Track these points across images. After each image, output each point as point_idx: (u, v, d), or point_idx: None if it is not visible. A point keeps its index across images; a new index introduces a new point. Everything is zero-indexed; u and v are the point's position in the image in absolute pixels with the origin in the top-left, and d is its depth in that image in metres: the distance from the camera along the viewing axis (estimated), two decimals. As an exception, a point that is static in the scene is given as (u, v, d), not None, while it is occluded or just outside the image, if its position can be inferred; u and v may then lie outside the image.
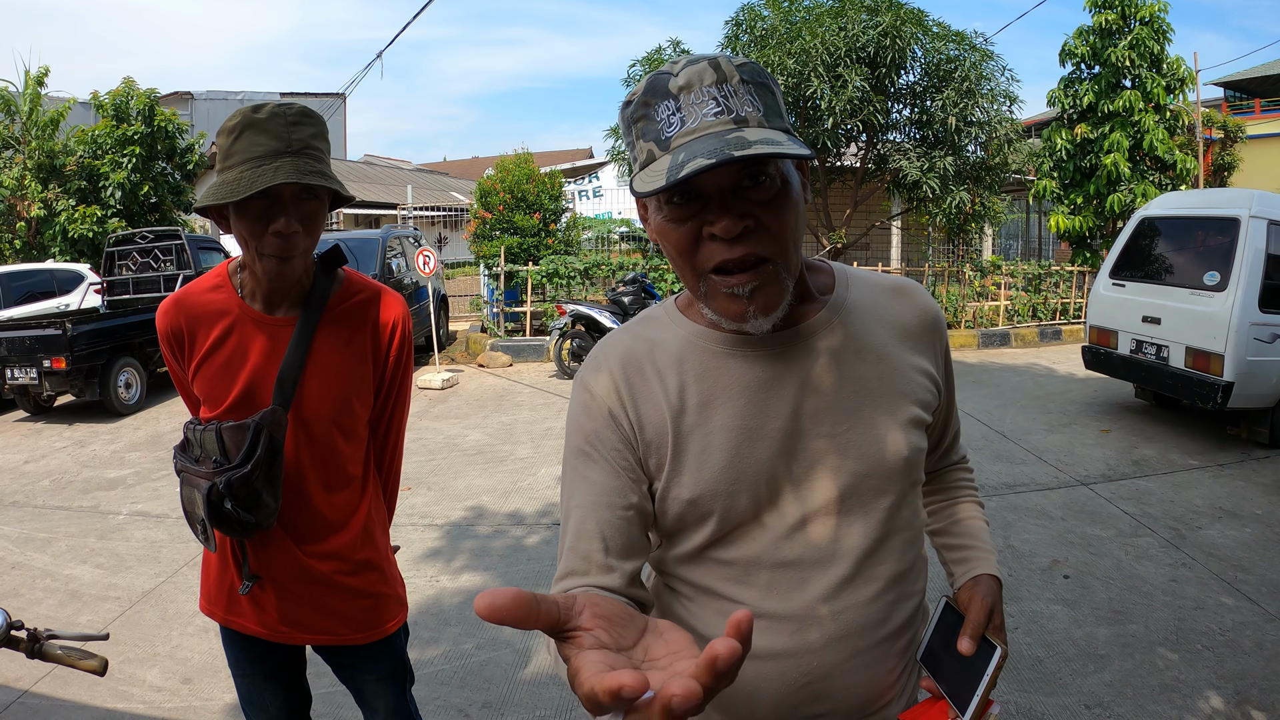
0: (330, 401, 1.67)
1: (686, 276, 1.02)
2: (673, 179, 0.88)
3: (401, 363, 1.79)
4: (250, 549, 1.68)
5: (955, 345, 12.15)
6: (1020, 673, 3.30)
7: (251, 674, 1.82)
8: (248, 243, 1.53)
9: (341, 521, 1.74)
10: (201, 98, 26.81)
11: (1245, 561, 4.33)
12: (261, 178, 1.44)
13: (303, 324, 1.64)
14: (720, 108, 0.93)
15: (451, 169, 41.62)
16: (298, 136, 1.50)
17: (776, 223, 0.97)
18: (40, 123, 14.52)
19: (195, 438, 1.63)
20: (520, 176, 12.39)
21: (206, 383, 1.65)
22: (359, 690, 1.89)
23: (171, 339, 1.67)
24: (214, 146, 1.54)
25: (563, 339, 9.77)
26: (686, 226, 0.97)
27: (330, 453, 1.70)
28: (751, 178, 0.95)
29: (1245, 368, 6.10)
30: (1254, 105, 28.69)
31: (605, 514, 1.05)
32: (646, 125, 0.97)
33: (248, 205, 1.49)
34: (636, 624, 0.66)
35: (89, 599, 4.13)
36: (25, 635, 1.44)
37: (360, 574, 1.76)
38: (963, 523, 1.29)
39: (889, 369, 1.10)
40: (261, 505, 1.58)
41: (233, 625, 1.76)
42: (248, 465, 1.54)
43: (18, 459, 6.95)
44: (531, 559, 4.54)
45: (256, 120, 1.48)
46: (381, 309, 1.74)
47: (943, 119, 11.45)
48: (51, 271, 11.28)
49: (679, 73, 0.95)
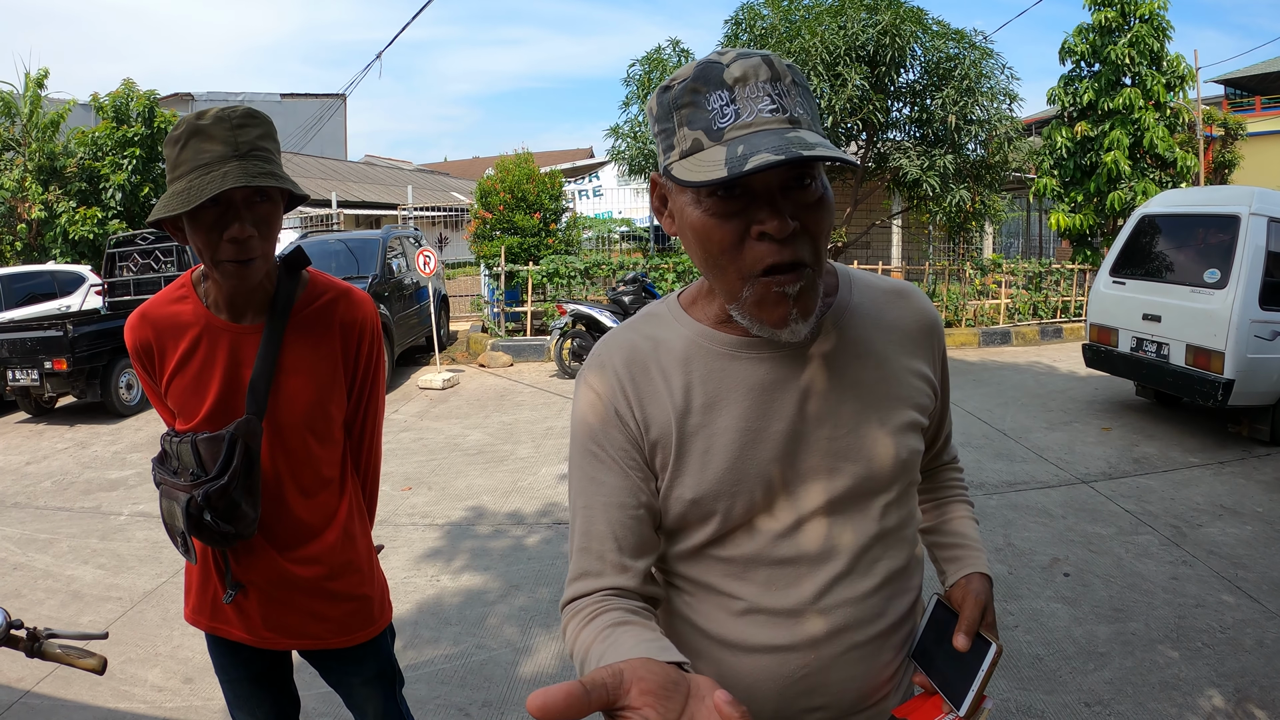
0: (303, 406, 1.65)
1: (727, 278, 0.99)
2: (736, 171, 0.86)
3: (372, 362, 1.78)
4: (232, 557, 1.67)
5: (956, 344, 12.15)
6: (1020, 671, 3.30)
7: (238, 679, 1.81)
8: (204, 252, 1.51)
9: (321, 525, 1.73)
10: (202, 99, 26.81)
11: (1246, 559, 4.33)
12: (211, 184, 1.42)
13: (270, 330, 1.62)
14: (776, 105, 0.91)
15: (452, 169, 41.65)
16: (244, 139, 1.47)
17: (817, 227, 0.97)
18: (41, 125, 14.55)
19: (172, 450, 1.62)
20: (520, 176, 12.39)
21: (179, 395, 1.63)
22: (348, 694, 1.89)
23: (141, 353, 1.65)
24: (164, 156, 1.52)
25: (563, 339, 9.78)
26: (733, 224, 0.95)
27: (305, 457, 1.69)
28: (798, 180, 0.94)
29: (1246, 365, 6.09)
30: (1254, 103, 28.67)
31: (616, 514, 1.06)
32: (694, 113, 0.93)
33: (200, 214, 1.46)
34: (680, 691, 0.69)
35: (91, 599, 4.13)
36: (25, 634, 1.45)
37: (342, 577, 1.76)
38: (953, 522, 1.31)
39: (888, 373, 1.11)
40: (241, 515, 1.57)
41: (218, 633, 1.75)
42: (225, 476, 1.53)
43: (19, 460, 6.97)
44: (532, 559, 4.55)
45: (201, 127, 1.46)
46: (348, 309, 1.72)
47: (943, 117, 11.45)
48: (52, 273, 11.29)
49: (731, 64, 0.92)
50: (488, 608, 3.97)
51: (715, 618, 1.09)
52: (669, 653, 0.86)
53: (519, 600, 4.04)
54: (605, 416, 1.09)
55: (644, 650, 0.85)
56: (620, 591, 1.04)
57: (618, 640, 0.91)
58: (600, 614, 0.99)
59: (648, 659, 0.76)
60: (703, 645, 1.11)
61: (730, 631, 1.08)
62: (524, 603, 4.01)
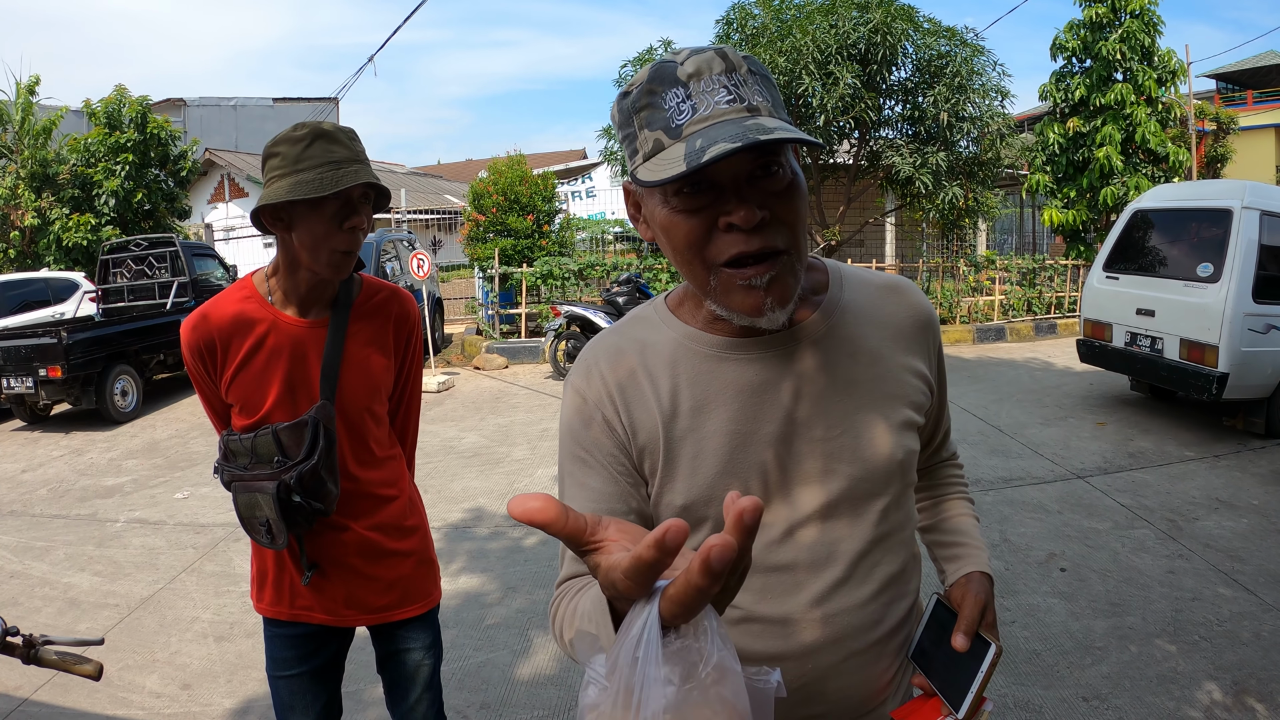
0: (364, 391, 1.82)
1: (695, 272, 0.98)
2: (694, 163, 0.85)
3: (415, 350, 1.98)
4: (306, 539, 1.80)
5: (951, 340, 12.17)
6: (1018, 666, 3.31)
7: (300, 675, 1.89)
8: (315, 242, 1.65)
9: (388, 494, 1.89)
10: (194, 104, 26.76)
11: (1242, 552, 4.34)
12: (346, 177, 1.61)
13: (335, 324, 1.78)
14: (732, 95, 0.91)
15: (445, 172, 41.55)
16: (359, 149, 1.68)
17: (789, 213, 0.95)
18: (33, 131, 14.52)
19: (243, 446, 1.72)
20: (513, 178, 12.39)
21: (242, 389, 1.75)
22: (400, 667, 1.96)
23: (203, 351, 1.74)
24: (271, 155, 1.65)
25: (558, 340, 9.78)
26: (699, 218, 0.94)
27: (365, 435, 1.85)
28: (764, 168, 0.92)
29: (1240, 358, 6.11)
30: (1246, 97, 28.77)
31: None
32: (652, 114, 0.93)
33: (324, 204, 1.63)
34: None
35: (88, 606, 4.13)
36: (21, 641, 1.44)
37: (412, 537, 1.94)
38: (953, 520, 1.28)
39: (882, 371, 1.09)
40: (326, 493, 1.72)
41: (300, 619, 1.86)
42: (314, 457, 1.68)
43: (15, 468, 6.95)
44: (529, 560, 4.55)
45: (326, 131, 1.64)
46: (400, 305, 1.92)
47: (935, 115, 11.46)
48: (46, 280, 11.27)
49: (685, 60, 0.92)
50: (485, 610, 3.96)
51: None
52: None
53: (516, 602, 4.03)
54: (592, 421, 1.07)
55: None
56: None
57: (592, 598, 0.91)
58: (586, 589, 0.97)
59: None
60: None
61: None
62: (522, 605, 4.00)
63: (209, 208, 21.47)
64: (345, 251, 1.69)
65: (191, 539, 5.03)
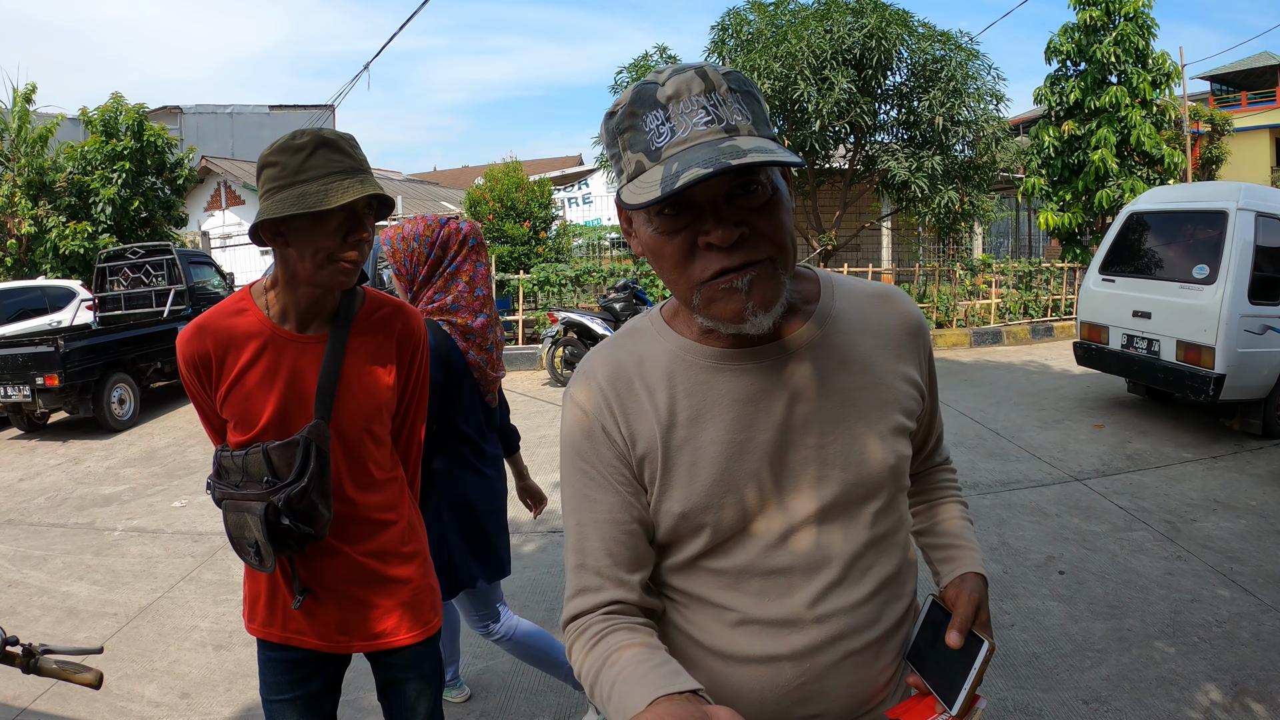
0: (364, 412, 1.74)
1: (680, 289, 1.01)
2: (669, 190, 0.87)
3: (423, 370, 1.89)
4: (300, 563, 1.72)
5: (948, 344, 12.18)
6: (1017, 669, 3.31)
7: (292, 699, 1.81)
8: (318, 254, 1.57)
9: (386, 519, 1.81)
10: (190, 112, 26.78)
11: (1240, 553, 4.35)
12: (352, 189, 1.53)
13: (334, 339, 1.70)
14: (710, 117, 0.92)
15: (442, 178, 41.54)
16: (361, 157, 1.60)
17: (770, 227, 0.97)
18: (29, 139, 14.50)
19: (235, 463, 1.65)
20: (509, 185, 12.42)
21: (237, 405, 1.68)
22: (400, 696, 1.90)
23: (198, 364, 1.68)
24: (269, 165, 1.57)
25: (555, 347, 9.78)
26: (680, 238, 0.97)
27: (364, 458, 1.76)
28: (743, 186, 0.95)
29: (1236, 360, 6.13)
30: (1240, 98, 28.88)
31: (609, 530, 1.07)
32: (634, 136, 0.95)
33: (329, 216, 1.55)
34: None
35: (86, 615, 4.11)
36: (20, 650, 1.44)
37: (409, 564, 1.84)
38: (947, 523, 1.31)
39: (874, 378, 1.11)
40: (317, 516, 1.63)
41: (291, 643, 1.78)
42: (304, 479, 1.59)
43: (12, 477, 6.93)
44: (528, 566, 4.54)
45: (329, 139, 1.56)
46: (405, 322, 1.82)
47: (930, 119, 11.50)
48: (43, 288, 11.26)
49: (665, 82, 0.94)
50: (485, 616, 3.95)
51: (709, 629, 1.09)
52: (681, 678, 0.88)
53: (515, 610, 4.02)
54: (592, 433, 1.10)
55: (656, 680, 0.87)
56: (620, 605, 1.05)
57: (627, 668, 0.93)
58: (605, 635, 1.01)
59: (667, 698, 0.78)
60: (697, 656, 1.11)
61: (724, 642, 1.08)
62: (520, 612, 3.99)
63: (205, 215, 21.48)
64: (352, 263, 1.62)
65: (190, 547, 5.02)
